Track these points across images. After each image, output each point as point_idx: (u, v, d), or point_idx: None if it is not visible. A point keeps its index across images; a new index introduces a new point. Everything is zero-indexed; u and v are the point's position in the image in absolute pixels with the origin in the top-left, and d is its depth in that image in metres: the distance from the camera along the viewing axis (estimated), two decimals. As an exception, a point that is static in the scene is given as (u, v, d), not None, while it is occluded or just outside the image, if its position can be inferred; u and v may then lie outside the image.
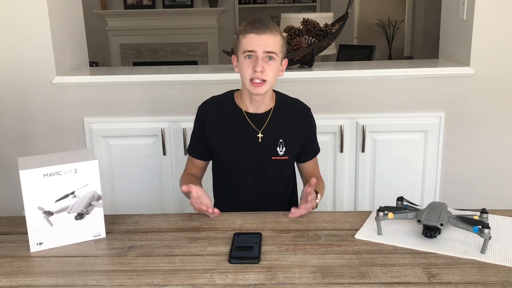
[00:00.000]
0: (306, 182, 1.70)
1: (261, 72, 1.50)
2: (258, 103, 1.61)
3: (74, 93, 2.40)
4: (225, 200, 1.74)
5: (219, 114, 1.64)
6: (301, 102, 1.71)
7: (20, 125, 2.43)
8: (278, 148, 1.63)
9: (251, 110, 1.63)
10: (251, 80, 1.52)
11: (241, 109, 1.63)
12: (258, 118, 1.62)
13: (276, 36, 1.53)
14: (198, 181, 1.69)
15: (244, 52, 1.52)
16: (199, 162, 1.71)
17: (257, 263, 1.18)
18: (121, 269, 1.17)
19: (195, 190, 1.42)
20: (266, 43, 1.50)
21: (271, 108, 1.63)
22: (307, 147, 1.70)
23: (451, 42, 2.58)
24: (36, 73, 2.37)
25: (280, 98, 1.67)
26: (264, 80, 1.52)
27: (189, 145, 1.74)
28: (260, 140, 1.62)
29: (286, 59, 1.63)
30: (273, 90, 1.67)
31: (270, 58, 1.51)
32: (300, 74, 2.37)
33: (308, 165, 1.73)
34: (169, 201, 2.46)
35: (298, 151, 1.69)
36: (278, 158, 1.63)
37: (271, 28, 1.52)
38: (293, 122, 1.65)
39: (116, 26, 6.63)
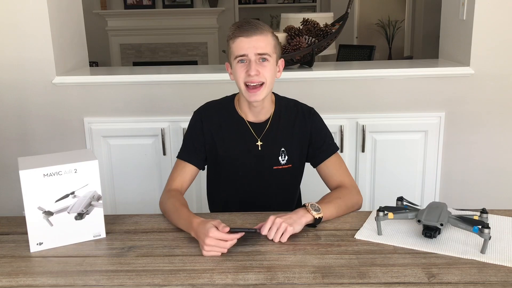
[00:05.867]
0: (332, 188, 1.57)
1: (256, 75, 1.43)
2: (257, 109, 1.54)
3: (74, 93, 2.40)
4: (222, 211, 1.64)
5: (218, 119, 1.57)
6: (301, 103, 1.63)
7: (20, 125, 2.43)
8: (280, 158, 1.57)
9: (250, 116, 1.56)
10: (246, 85, 1.45)
11: (240, 115, 1.57)
12: (258, 125, 1.56)
13: (267, 36, 1.45)
14: (186, 204, 1.45)
15: (236, 57, 1.45)
16: (192, 170, 1.56)
17: (254, 232, 1.28)
18: (121, 269, 1.17)
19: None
20: (257, 45, 1.42)
21: (271, 115, 1.57)
22: (317, 148, 1.58)
23: (451, 42, 2.58)
24: (36, 73, 2.37)
25: (280, 102, 1.60)
26: (262, 83, 1.44)
27: (182, 150, 1.59)
28: (260, 148, 1.56)
29: (282, 59, 1.56)
30: (273, 93, 1.60)
31: (264, 59, 1.44)
32: (300, 74, 2.37)
33: (327, 167, 1.57)
34: (169, 201, 2.45)
35: (304, 156, 1.61)
36: (280, 167, 1.57)
37: (261, 28, 1.44)
38: (294, 128, 1.58)
39: (116, 26, 6.63)
